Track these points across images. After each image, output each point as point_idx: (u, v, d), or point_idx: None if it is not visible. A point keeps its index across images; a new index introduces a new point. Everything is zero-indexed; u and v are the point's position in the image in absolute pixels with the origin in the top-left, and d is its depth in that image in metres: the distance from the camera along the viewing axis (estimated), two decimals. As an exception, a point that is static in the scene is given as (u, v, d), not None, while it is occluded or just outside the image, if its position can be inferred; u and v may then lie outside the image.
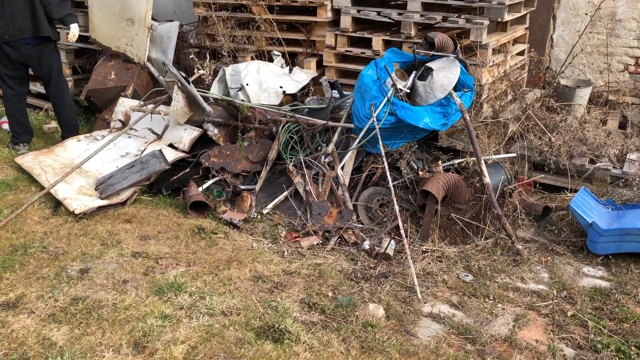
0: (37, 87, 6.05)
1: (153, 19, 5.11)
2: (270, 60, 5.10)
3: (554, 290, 3.19)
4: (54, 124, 5.57)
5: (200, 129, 4.48)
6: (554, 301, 3.09)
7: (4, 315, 2.81)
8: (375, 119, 3.83)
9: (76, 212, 3.84)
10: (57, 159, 4.67)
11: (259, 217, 4.03)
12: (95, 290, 3.05)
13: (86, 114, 5.81)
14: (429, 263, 3.44)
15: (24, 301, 2.94)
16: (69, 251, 3.42)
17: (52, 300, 2.95)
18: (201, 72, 4.86)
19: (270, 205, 4.10)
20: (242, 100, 4.59)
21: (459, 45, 4.14)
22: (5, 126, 5.44)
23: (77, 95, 5.67)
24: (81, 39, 5.76)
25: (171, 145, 4.49)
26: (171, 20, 5.37)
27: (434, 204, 3.61)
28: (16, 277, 3.14)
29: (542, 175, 4.22)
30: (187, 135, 4.47)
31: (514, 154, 4.23)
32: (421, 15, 4.49)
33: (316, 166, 4.09)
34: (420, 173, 3.85)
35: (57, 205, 4.00)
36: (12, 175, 4.49)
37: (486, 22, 4.35)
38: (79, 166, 4.23)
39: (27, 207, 3.89)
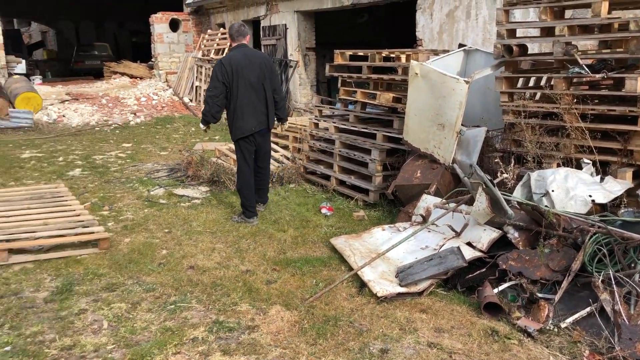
0: (351, 179, 6.92)
1: (462, 124, 5.47)
2: (579, 167, 4.93)
3: None
4: (362, 213, 6.26)
5: (500, 231, 4.53)
6: None
7: (317, 377, 3.20)
8: None
9: (378, 294, 4.21)
10: (364, 243, 5.21)
11: (556, 330, 3.81)
12: (393, 371, 3.26)
13: (389, 206, 6.39)
14: None
15: (333, 368, 3.31)
16: (372, 330, 3.74)
17: (356, 373, 3.25)
18: (505, 175, 4.97)
19: (570, 320, 3.85)
20: (546, 206, 4.51)
21: None
22: (324, 211, 6.34)
23: (384, 189, 6.31)
24: (394, 140, 6.49)
25: (469, 244, 4.62)
26: (478, 126, 5.67)
27: None
28: (327, 345, 3.56)
29: None
30: (486, 236, 4.56)
31: None
32: None
33: (629, 285, 3.73)
34: None
35: (361, 285, 4.43)
36: (326, 254, 5.16)
37: None
38: (384, 253, 4.66)
39: (338, 284, 4.41)
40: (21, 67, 15.54)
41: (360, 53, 7.27)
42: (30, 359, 3.42)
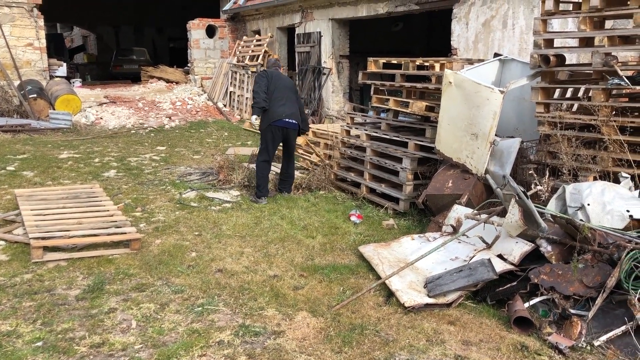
0: (382, 187, 6.89)
1: (495, 134, 5.39)
2: (616, 181, 4.80)
3: None
4: (391, 221, 6.21)
5: (532, 244, 4.43)
6: None
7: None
8: None
9: (406, 304, 4.16)
10: (393, 252, 5.16)
11: (589, 348, 3.70)
12: (419, 382, 3.21)
13: (419, 215, 6.33)
14: None
15: (357, 376, 3.27)
16: (398, 340, 3.70)
17: (380, 382, 3.21)
18: (539, 187, 4.87)
19: (604, 338, 3.73)
20: (581, 220, 4.40)
21: None
22: (354, 218, 6.32)
23: (415, 198, 6.25)
24: (426, 149, 6.43)
25: (500, 256, 4.54)
26: (512, 137, 5.58)
27: None
28: (353, 354, 3.53)
29: None
30: (517, 249, 4.47)
31: None
32: None
33: (666, 304, 3.60)
34: None
35: (389, 295, 4.38)
36: (354, 262, 5.13)
37: None
38: (412, 263, 4.61)
39: (365, 293, 4.38)
40: (62, 70, 15.93)
41: (394, 61, 7.24)
42: (60, 355, 3.49)
